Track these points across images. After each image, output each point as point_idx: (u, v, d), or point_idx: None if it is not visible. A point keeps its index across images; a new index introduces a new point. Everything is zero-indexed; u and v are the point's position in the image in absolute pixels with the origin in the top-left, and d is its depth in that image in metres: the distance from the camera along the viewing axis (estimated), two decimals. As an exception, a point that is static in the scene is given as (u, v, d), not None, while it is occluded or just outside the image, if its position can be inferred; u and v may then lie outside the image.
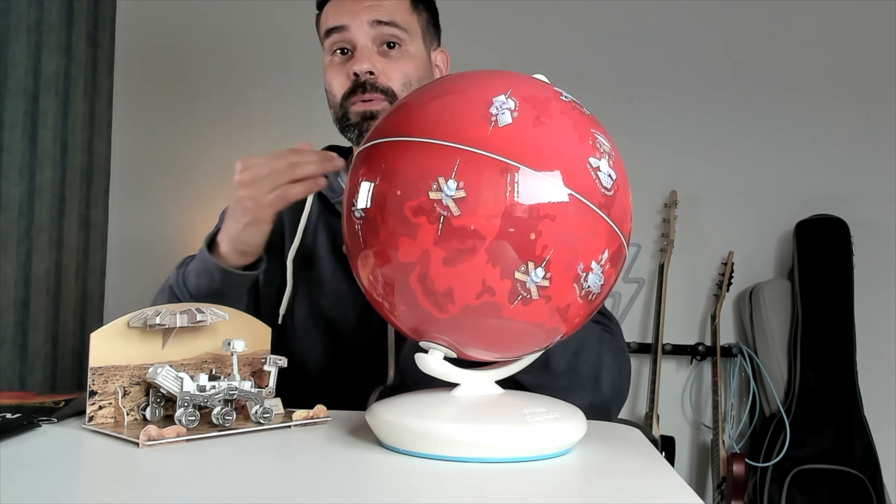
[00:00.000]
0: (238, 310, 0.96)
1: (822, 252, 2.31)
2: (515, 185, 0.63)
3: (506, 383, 0.79)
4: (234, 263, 0.96)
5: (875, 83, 2.42)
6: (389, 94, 1.04)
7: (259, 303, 1.10)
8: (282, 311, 1.06)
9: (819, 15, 2.44)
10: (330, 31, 1.06)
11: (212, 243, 0.99)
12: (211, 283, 0.95)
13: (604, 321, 1.02)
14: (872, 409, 2.23)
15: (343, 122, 1.07)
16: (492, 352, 0.72)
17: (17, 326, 2.07)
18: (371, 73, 1.03)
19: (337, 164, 0.95)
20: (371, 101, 1.03)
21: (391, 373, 1.05)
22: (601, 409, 0.96)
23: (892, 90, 2.41)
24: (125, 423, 0.74)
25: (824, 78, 2.44)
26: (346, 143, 1.20)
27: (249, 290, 1.09)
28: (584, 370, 0.94)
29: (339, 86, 1.06)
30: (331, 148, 1.19)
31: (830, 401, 2.22)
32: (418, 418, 0.69)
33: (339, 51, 1.07)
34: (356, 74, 1.03)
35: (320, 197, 1.12)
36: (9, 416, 0.74)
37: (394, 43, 1.05)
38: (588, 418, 0.75)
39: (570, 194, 0.64)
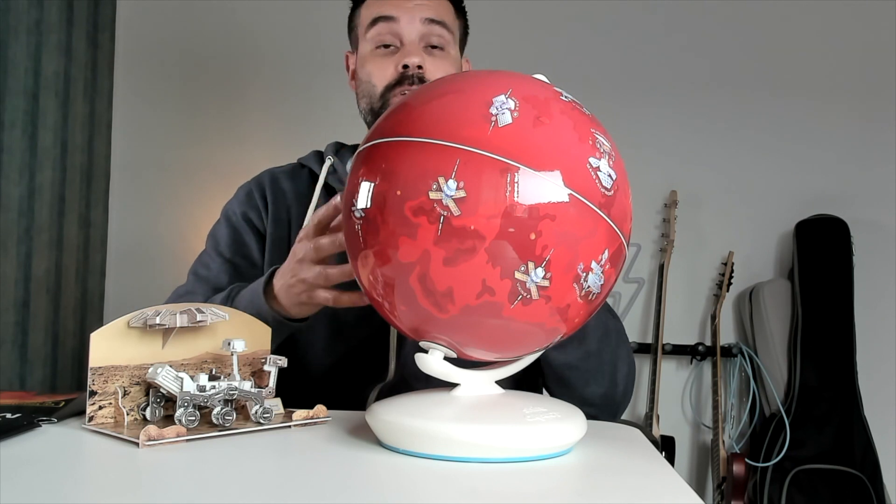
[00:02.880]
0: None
1: (822, 252, 2.31)
2: (515, 185, 0.63)
3: (510, 378, 0.79)
4: (284, 314, 0.93)
5: (875, 83, 2.42)
6: None
7: None
8: None
9: (819, 15, 2.44)
10: (376, 21, 1.06)
11: (266, 287, 0.94)
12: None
13: (614, 316, 1.03)
14: (872, 409, 2.23)
15: (381, 114, 1.06)
16: (492, 352, 0.72)
17: (17, 326, 2.07)
18: (420, 67, 1.03)
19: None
20: None
21: (391, 369, 1.05)
22: (612, 402, 0.97)
23: (892, 90, 2.41)
24: (125, 423, 0.74)
25: (824, 78, 2.44)
26: (350, 140, 1.20)
27: None
28: (606, 356, 0.95)
29: (383, 77, 1.05)
30: (336, 144, 1.19)
31: (830, 401, 2.22)
32: (418, 418, 0.69)
33: (382, 45, 1.06)
34: (406, 67, 1.03)
35: (328, 188, 1.11)
36: (9, 416, 0.74)
37: (438, 45, 1.07)
38: (598, 412, 0.75)
39: (570, 194, 0.64)
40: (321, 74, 2.39)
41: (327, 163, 1.12)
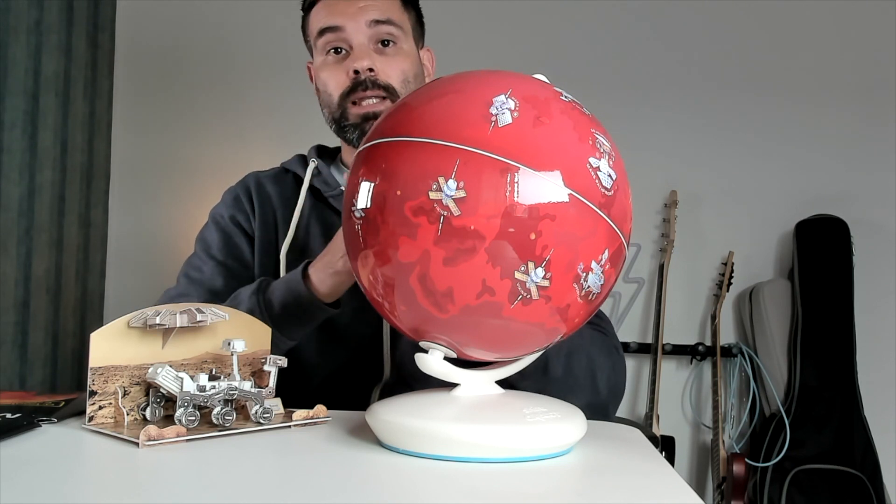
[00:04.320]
0: (298, 341, 0.97)
1: (822, 252, 2.31)
2: (515, 185, 0.63)
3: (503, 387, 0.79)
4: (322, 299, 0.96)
5: (875, 84, 2.42)
6: (390, 91, 1.04)
7: None
8: None
9: (819, 15, 2.44)
10: (324, 31, 1.05)
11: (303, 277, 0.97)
12: (299, 314, 0.95)
13: (595, 321, 1.02)
14: (872, 409, 2.23)
15: (341, 123, 1.06)
16: (492, 352, 0.72)
17: (17, 326, 2.07)
18: (371, 70, 1.03)
19: None
20: (373, 101, 1.03)
21: (387, 369, 1.05)
22: (599, 408, 0.97)
23: (892, 91, 2.42)
24: (125, 423, 0.74)
25: (824, 78, 2.44)
26: (333, 142, 1.20)
27: None
28: (579, 372, 0.94)
29: (337, 85, 1.05)
30: (318, 148, 1.19)
31: (830, 401, 2.22)
32: (418, 418, 0.69)
33: (332, 50, 1.06)
34: (356, 72, 1.03)
35: (313, 191, 1.12)
36: (9, 416, 0.74)
37: (388, 41, 1.06)
38: (586, 417, 0.75)
39: (570, 194, 0.64)
40: (321, 74, 2.39)
41: (311, 166, 1.12)
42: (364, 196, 0.68)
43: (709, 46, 2.46)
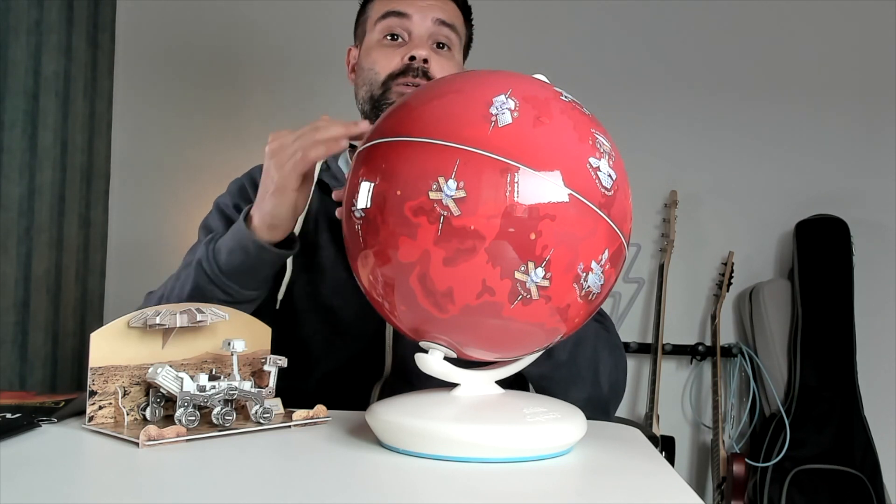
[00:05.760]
0: (262, 290, 0.95)
1: (822, 252, 2.31)
2: (515, 185, 0.63)
3: (508, 378, 0.79)
4: (265, 238, 0.92)
5: (875, 83, 2.42)
6: None
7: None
8: (280, 295, 1.06)
9: (819, 15, 2.44)
10: (388, 14, 1.08)
11: (245, 219, 0.95)
12: (245, 259, 0.92)
13: (598, 318, 1.03)
14: (872, 409, 2.23)
15: (380, 101, 1.06)
16: (492, 352, 0.72)
17: (17, 326, 2.07)
18: (426, 61, 1.05)
19: (362, 127, 0.88)
20: (417, 86, 1.05)
21: (388, 366, 1.05)
22: (599, 403, 0.98)
23: (892, 90, 2.41)
24: (125, 423, 0.74)
25: (824, 78, 2.43)
26: None
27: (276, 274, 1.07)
28: (583, 362, 0.96)
29: (388, 66, 1.07)
30: None
31: (830, 401, 2.22)
32: (418, 418, 0.69)
33: (389, 36, 1.09)
34: (412, 58, 1.05)
35: (321, 185, 1.12)
36: (9, 416, 0.74)
37: (444, 45, 1.09)
38: (587, 414, 0.75)
39: (570, 194, 0.64)
40: (321, 74, 2.39)
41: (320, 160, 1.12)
42: (364, 196, 0.68)
43: (709, 47, 2.46)
